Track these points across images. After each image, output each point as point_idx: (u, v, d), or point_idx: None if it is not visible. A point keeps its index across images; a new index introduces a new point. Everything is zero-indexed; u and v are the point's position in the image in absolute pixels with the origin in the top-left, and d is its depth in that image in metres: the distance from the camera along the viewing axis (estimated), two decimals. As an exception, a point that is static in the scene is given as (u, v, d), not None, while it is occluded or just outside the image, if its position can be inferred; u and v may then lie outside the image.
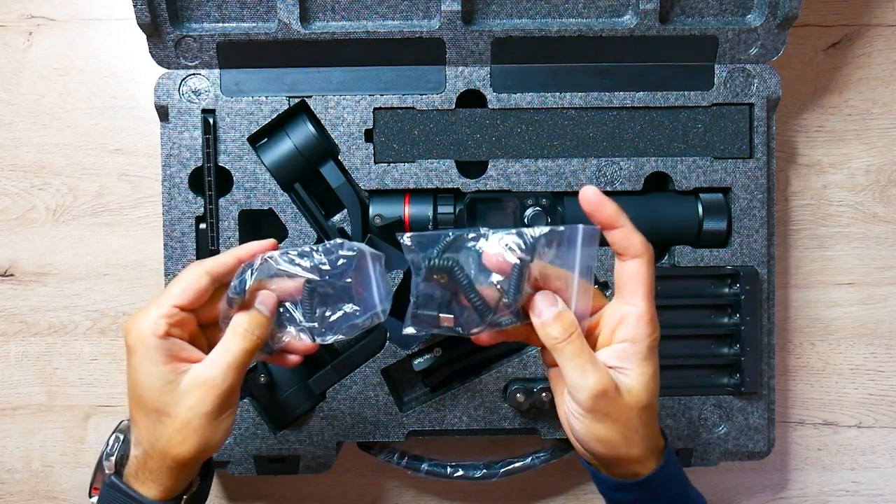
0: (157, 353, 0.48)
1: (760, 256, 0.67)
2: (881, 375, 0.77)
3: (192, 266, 0.50)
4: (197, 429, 0.48)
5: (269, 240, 0.52)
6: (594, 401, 0.47)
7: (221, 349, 0.49)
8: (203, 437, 0.48)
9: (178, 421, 0.48)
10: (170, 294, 0.49)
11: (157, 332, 0.48)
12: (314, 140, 0.65)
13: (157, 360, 0.48)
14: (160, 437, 0.48)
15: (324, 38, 0.65)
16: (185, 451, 0.48)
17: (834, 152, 0.76)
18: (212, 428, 0.48)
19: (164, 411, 0.48)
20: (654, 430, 0.50)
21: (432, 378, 0.67)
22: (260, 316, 0.49)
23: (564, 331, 0.47)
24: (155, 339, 0.48)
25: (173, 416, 0.48)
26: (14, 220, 0.73)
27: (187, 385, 0.48)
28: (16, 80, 0.73)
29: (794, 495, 0.77)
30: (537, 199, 0.65)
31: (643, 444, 0.49)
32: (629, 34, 0.65)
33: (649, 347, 0.49)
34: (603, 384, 0.47)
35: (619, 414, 0.48)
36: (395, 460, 0.68)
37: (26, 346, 0.74)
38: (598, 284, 0.66)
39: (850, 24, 0.75)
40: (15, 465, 0.74)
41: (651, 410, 0.49)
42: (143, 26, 0.63)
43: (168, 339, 0.48)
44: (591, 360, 0.47)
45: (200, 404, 0.48)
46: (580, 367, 0.47)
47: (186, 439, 0.48)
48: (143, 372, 0.48)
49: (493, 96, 0.66)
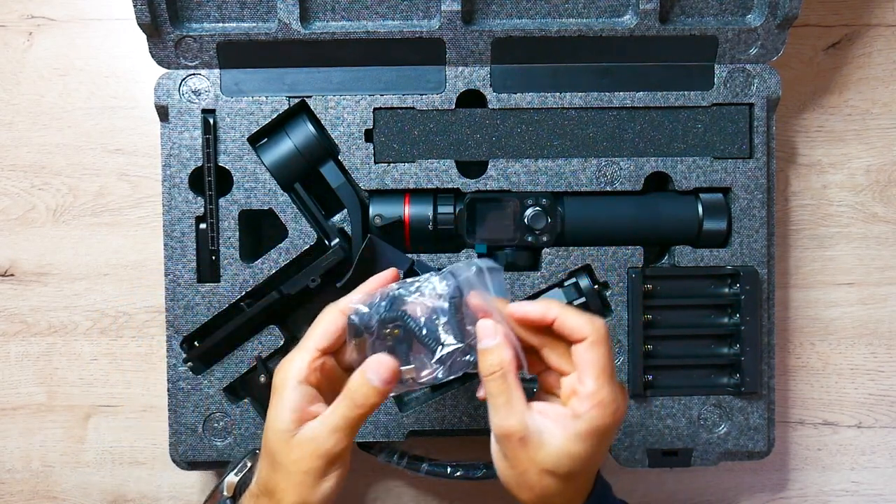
0: (291, 400, 0.49)
1: (760, 256, 0.67)
2: (881, 375, 0.77)
3: (328, 308, 0.51)
4: (299, 484, 0.49)
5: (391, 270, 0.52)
6: (498, 439, 0.49)
7: (332, 410, 0.49)
8: (304, 493, 0.49)
9: (285, 471, 0.49)
10: (311, 338, 0.50)
11: (300, 377, 0.49)
12: (314, 140, 0.65)
13: (288, 406, 0.49)
14: (270, 480, 0.50)
15: (324, 38, 0.65)
16: (288, 500, 0.49)
17: (834, 152, 0.76)
18: (314, 485, 0.49)
19: (276, 458, 0.49)
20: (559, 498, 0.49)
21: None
22: (370, 388, 0.49)
23: (486, 369, 0.49)
24: (294, 384, 0.49)
25: (283, 465, 0.49)
26: (14, 220, 0.73)
27: (299, 439, 0.49)
28: (16, 80, 0.73)
29: (794, 495, 0.77)
30: (537, 199, 0.65)
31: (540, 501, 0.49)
32: (629, 34, 0.65)
33: (589, 430, 0.47)
34: (507, 429, 0.48)
35: (518, 463, 0.48)
36: (395, 460, 0.68)
37: (26, 346, 0.74)
38: (597, 285, 0.66)
39: (850, 24, 0.75)
40: (15, 465, 0.74)
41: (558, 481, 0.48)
42: (143, 26, 0.63)
43: (305, 387, 0.49)
44: (507, 403, 0.48)
45: (304, 460, 0.49)
46: (494, 405, 0.48)
47: (289, 490, 0.49)
48: (274, 416, 0.49)
49: (493, 96, 0.66)
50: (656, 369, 0.66)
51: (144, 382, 0.74)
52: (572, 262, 0.66)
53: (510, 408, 0.48)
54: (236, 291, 0.65)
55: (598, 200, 0.67)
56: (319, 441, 0.49)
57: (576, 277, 0.66)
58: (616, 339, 0.66)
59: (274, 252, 0.65)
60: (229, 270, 0.65)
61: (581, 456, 0.48)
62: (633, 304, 0.65)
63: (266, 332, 0.65)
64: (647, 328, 0.66)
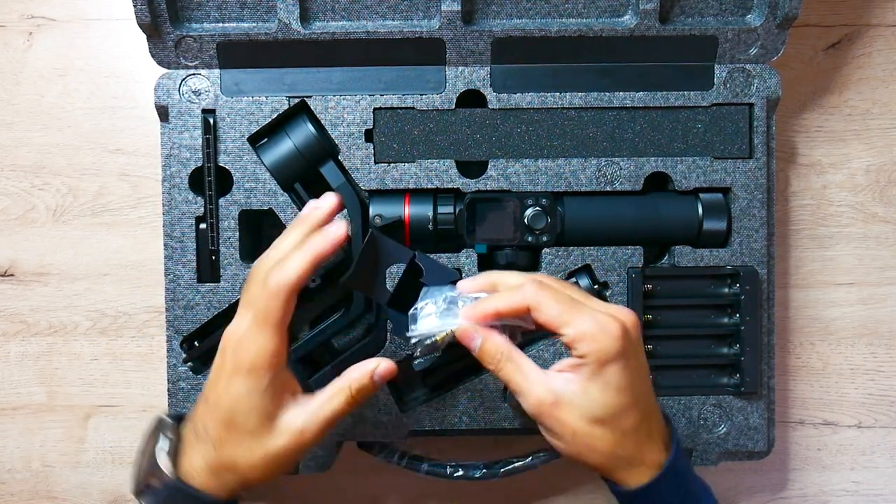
0: (271, 386, 0.49)
1: (760, 256, 0.67)
2: (881, 375, 0.77)
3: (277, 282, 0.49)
4: (277, 466, 0.50)
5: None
6: (537, 419, 0.50)
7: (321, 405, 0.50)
8: (277, 471, 0.50)
9: (262, 452, 0.49)
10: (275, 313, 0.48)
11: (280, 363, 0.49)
12: (314, 140, 0.65)
13: (269, 392, 0.49)
14: (241, 456, 0.49)
15: (324, 38, 0.65)
16: (260, 477, 0.50)
17: (834, 152, 0.76)
18: (287, 465, 0.51)
19: (254, 440, 0.49)
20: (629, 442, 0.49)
21: (432, 378, 0.67)
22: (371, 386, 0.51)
23: (489, 363, 0.50)
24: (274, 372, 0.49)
25: (260, 447, 0.49)
26: (14, 220, 0.73)
27: (283, 427, 0.49)
28: (16, 80, 0.73)
29: (794, 495, 0.77)
30: (537, 199, 0.65)
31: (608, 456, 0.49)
32: (629, 34, 0.65)
33: (597, 365, 0.47)
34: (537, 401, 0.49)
35: (565, 429, 0.49)
36: (395, 460, 0.68)
37: (26, 346, 0.74)
38: (598, 285, 0.66)
39: (850, 24, 0.75)
40: (15, 465, 0.74)
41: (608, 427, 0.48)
42: (143, 26, 0.63)
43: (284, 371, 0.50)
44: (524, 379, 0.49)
45: (286, 448, 0.50)
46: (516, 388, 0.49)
47: (265, 468, 0.50)
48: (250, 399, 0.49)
49: (493, 96, 0.66)
50: (656, 369, 0.66)
51: (144, 382, 0.74)
52: (572, 262, 0.66)
53: (529, 382, 0.48)
54: (236, 291, 0.65)
55: (598, 200, 0.67)
56: (308, 434, 0.49)
57: (576, 277, 0.66)
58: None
59: (274, 252, 0.65)
60: (229, 270, 0.65)
61: (609, 392, 0.48)
62: (633, 304, 0.65)
63: (266, 332, 0.65)
64: (647, 328, 0.66)
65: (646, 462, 0.50)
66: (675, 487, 0.50)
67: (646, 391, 0.50)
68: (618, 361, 0.48)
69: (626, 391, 0.48)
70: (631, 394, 0.49)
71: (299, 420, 0.50)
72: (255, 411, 0.49)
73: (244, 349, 0.49)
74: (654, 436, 0.50)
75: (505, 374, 0.49)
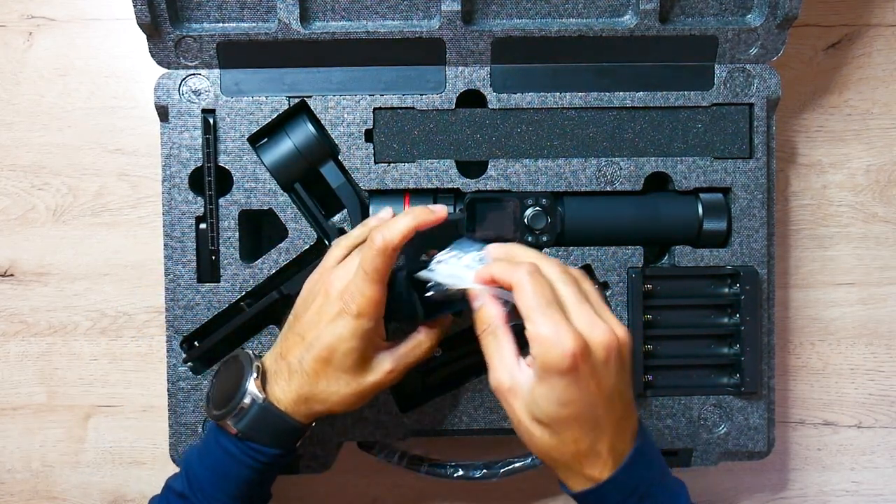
0: (371, 332, 0.54)
1: (760, 256, 0.67)
2: (881, 375, 0.77)
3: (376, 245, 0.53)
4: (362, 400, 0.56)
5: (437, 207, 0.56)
6: (495, 392, 0.51)
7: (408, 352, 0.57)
8: (361, 404, 0.57)
9: (354, 387, 0.55)
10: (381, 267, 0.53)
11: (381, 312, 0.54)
12: (314, 140, 0.65)
13: (367, 336, 0.54)
14: (334, 391, 0.55)
15: (324, 38, 0.65)
16: (346, 409, 0.56)
17: (834, 152, 0.76)
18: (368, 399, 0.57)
19: (350, 377, 0.55)
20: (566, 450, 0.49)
21: (432, 378, 0.67)
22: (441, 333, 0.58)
23: (478, 326, 0.52)
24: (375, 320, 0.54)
25: (353, 382, 0.55)
26: (14, 220, 0.73)
27: (374, 367, 0.56)
28: (16, 80, 0.73)
29: (794, 495, 0.77)
30: (537, 199, 0.65)
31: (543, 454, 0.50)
32: (629, 34, 0.65)
33: (542, 370, 0.48)
34: (496, 382, 0.50)
35: (514, 415, 0.50)
36: (395, 460, 0.68)
37: (26, 346, 0.74)
38: (598, 285, 0.66)
39: (850, 24, 0.75)
40: (15, 465, 0.74)
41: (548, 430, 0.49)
42: (143, 26, 0.63)
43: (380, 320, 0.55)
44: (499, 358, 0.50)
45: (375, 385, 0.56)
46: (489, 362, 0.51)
47: (353, 401, 0.56)
48: (352, 340, 0.54)
49: (493, 96, 0.66)
50: (656, 369, 0.66)
51: (144, 382, 0.74)
52: (572, 263, 0.66)
53: (501, 361, 0.50)
54: (236, 291, 0.65)
55: (598, 200, 0.67)
56: (394, 374, 0.56)
57: (576, 277, 0.66)
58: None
59: (274, 252, 0.65)
60: (229, 270, 0.65)
61: (551, 401, 0.48)
62: (633, 304, 0.65)
63: (266, 332, 0.65)
64: (647, 328, 0.66)
65: (584, 474, 0.50)
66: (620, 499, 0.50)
67: (599, 413, 0.48)
68: (564, 377, 0.47)
69: (568, 406, 0.48)
70: (574, 410, 0.48)
71: (388, 362, 0.56)
72: (355, 352, 0.54)
73: (352, 296, 0.54)
74: (602, 452, 0.49)
75: (485, 345, 0.51)
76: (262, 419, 0.55)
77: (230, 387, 0.57)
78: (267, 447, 0.56)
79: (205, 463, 0.57)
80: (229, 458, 0.56)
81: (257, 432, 0.55)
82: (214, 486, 0.56)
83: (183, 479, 0.57)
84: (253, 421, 0.55)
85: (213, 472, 0.56)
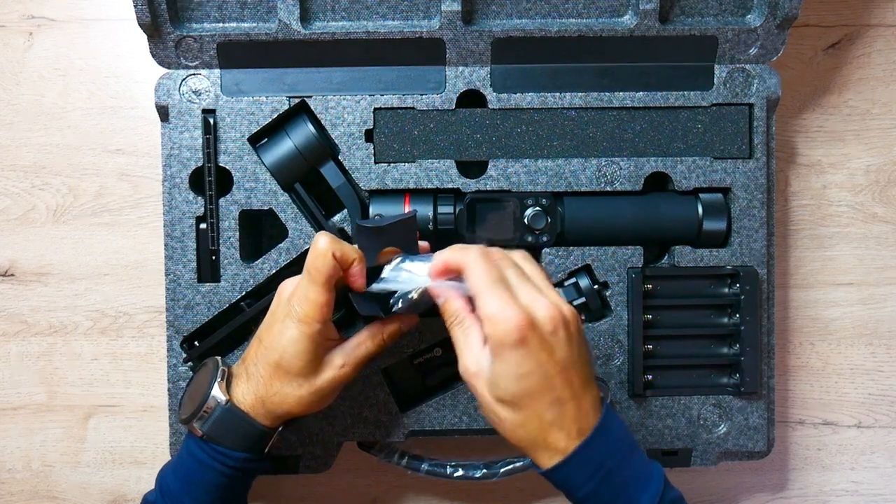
0: (318, 334, 0.55)
1: (760, 256, 0.67)
2: (881, 375, 0.77)
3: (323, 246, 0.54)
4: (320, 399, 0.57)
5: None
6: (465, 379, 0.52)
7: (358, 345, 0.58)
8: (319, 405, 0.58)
9: (308, 388, 0.56)
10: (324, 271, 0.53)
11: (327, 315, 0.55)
12: (314, 140, 0.65)
13: (316, 338, 0.55)
14: (288, 392, 0.56)
15: (324, 38, 0.65)
16: (303, 410, 0.57)
17: (834, 152, 0.76)
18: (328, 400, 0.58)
19: (302, 378, 0.56)
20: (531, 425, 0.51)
21: (432, 378, 0.67)
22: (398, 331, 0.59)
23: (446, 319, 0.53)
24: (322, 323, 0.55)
25: (306, 383, 0.56)
26: (14, 220, 0.74)
27: (325, 365, 0.57)
28: (16, 80, 0.73)
29: (794, 495, 0.77)
30: (537, 199, 0.65)
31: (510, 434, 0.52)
32: (629, 34, 0.65)
33: (494, 347, 0.50)
34: (463, 368, 0.52)
35: (480, 399, 0.52)
36: (395, 460, 0.68)
37: (26, 346, 0.74)
38: (598, 285, 0.66)
39: (850, 24, 0.75)
40: (15, 465, 0.74)
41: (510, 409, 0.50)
42: (144, 26, 0.63)
43: (329, 323, 0.56)
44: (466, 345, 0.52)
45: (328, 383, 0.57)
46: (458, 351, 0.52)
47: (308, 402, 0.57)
48: (299, 343, 0.55)
49: (493, 96, 0.66)
50: (656, 369, 0.67)
51: (144, 382, 0.74)
52: (572, 262, 0.66)
53: (468, 348, 0.51)
54: (236, 291, 0.65)
55: (598, 200, 0.67)
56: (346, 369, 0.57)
57: (576, 277, 0.66)
58: (616, 339, 0.66)
59: (274, 252, 0.65)
60: (229, 270, 0.65)
61: (509, 377, 0.49)
62: (633, 304, 0.65)
63: (266, 332, 0.65)
64: (646, 328, 0.66)
65: (550, 447, 0.51)
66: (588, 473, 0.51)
67: (556, 384, 0.50)
68: (516, 349, 0.49)
69: (525, 379, 0.49)
70: (531, 383, 0.49)
71: (339, 357, 0.57)
72: (303, 354, 0.55)
73: (298, 300, 0.55)
74: (565, 424, 0.50)
75: (453, 335, 0.53)
76: (226, 421, 0.56)
77: (198, 391, 0.58)
78: (233, 450, 0.57)
79: (177, 473, 0.59)
80: (198, 465, 0.57)
81: (222, 434, 0.57)
82: (185, 493, 0.57)
83: (157, 492, 0.59)
84: (217, 423, 0.56)
85: (183, 480, 0.58)
